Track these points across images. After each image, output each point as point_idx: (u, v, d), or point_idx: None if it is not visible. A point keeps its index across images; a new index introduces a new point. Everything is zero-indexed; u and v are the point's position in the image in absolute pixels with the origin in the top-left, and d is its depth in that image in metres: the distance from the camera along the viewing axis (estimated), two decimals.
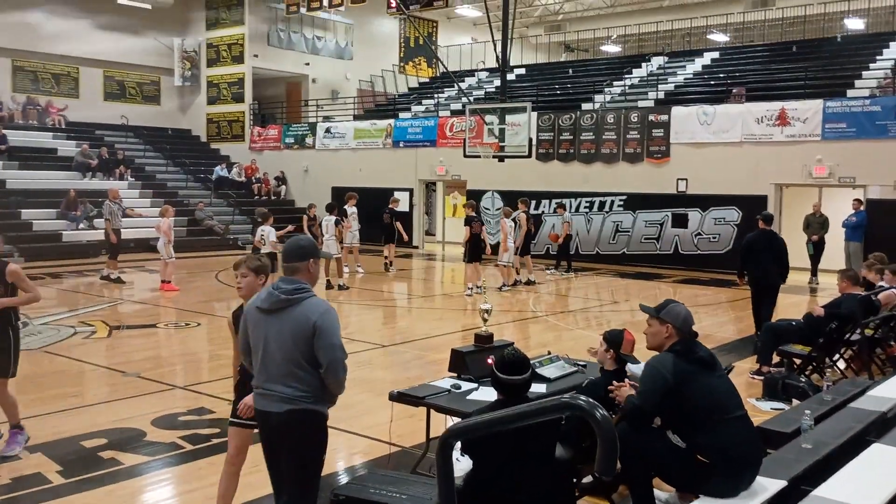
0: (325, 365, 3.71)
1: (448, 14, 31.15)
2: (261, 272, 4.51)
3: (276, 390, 3.76)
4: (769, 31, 28.26)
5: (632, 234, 19.73)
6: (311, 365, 3.73)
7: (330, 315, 3.75)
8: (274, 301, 3.77)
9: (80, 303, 13.44)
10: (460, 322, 12.16)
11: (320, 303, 3.79)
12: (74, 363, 9.01)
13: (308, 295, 3.79)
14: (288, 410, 3.73)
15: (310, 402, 3.76)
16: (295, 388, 3.73)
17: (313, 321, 3.69)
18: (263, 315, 3.81)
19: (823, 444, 4.54)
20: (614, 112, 20.40)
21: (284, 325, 3.73)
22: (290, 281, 3.81)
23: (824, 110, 17.13)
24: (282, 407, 3.74)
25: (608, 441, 2.19)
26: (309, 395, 3.75)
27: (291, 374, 3.73)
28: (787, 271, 10.23)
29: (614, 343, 4.91)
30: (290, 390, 3.73)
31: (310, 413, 3.77)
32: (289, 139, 27.24)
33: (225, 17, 28.60)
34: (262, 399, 3.84)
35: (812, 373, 8.11)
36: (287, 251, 3.90)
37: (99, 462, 5.79)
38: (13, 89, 25.55)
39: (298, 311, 3.73)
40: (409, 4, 22.64)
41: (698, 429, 4.06)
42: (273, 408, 3.77)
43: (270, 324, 3.77)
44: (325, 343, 3.69)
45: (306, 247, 3.90)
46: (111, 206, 15.61)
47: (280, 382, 3.75)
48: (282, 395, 3.74)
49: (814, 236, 17.03)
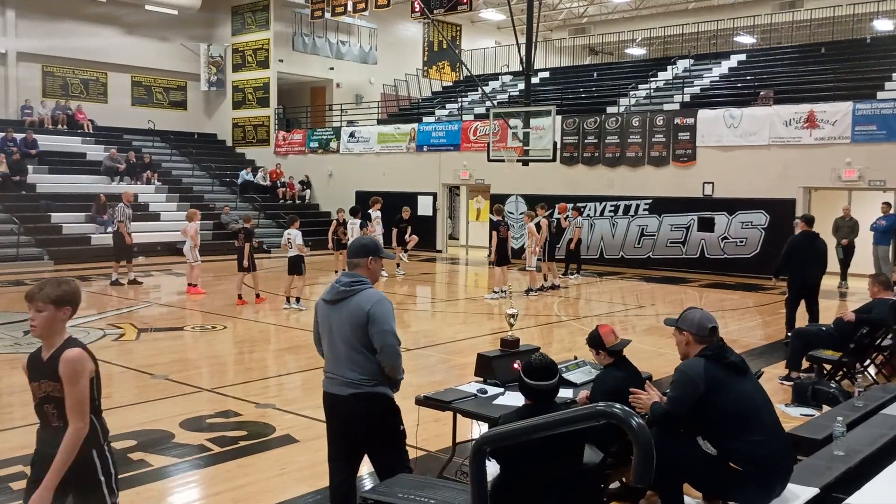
0: (379, 349, 4.04)
1: (472, 18, 31.16)
2: (64, 303, 3.38)
3: (342, 375, 4.12)
4: (797, 32, 27.95)
5: (657, 238, 19.60)
6: (368, 350, 4.07)
7: (383, 304, 4.09)
8: (335, 293, 4.16)
9: (109, 305, 13.60)
10: (485, 326, 12.14)
11: (375, 293, 4.15)
12: (104, 365, 8.98)
13: (365, 287, 4.15)
14: (352, 394, 4.08)
15: (371, 385, 4.09)
16: (357, 372, 4.08)
17: (367, 309, 4.04)
18: (328, 306, 4.20)
19: (856, 452, 4.47)
20: (639, 115, 20.29)
21: (344, 314, 4.10)
22: (350, 275, 4.21)
23: (854, 112, 16.91)
24: (345, 391, 4.10)
25: (644, 449, 2.16)
26: (370, 379, 4.09)
27: (353, 360, 4.08)
28: (823, 273, 10.24)
29: (596, 342, 4.84)
30: (353, 374, 4.08)
31: (372, 395, 4.10)
32: (313, 143, 27.38)
33: (250, 23, 28.84)
34: (330, 383, 4.21)
35: (842, 378, 8.00)
36: (351, 248, 4.36)
37: (128, 463, 5.83)
38: (43, 94, 25.95)
39: (355, 302, 4.09)
40: (433, 8, 22.68)
41: (730, 435, 4.01)
42: (339, 391, 4.13)
43: (333, 314, 4.16)
44: (378, 329, 4.02)
45: (368, 245, 4.29)
46: (125, 210, 15.83)
47: (345, 367, 4.11)
48: (346, 380, 4.10)
49: (843, 240, 16.81)
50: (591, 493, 4.13)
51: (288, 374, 9.21)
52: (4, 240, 18.90)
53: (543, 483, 3.75)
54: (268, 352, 10.59)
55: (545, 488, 3.75)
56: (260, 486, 5.42)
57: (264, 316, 12.82)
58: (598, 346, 4.78)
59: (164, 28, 28.10)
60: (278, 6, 28.08)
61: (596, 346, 4.79)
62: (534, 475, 3.75)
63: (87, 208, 21.01)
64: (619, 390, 4.55)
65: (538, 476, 3.75)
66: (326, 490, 5.33)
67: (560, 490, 3.77)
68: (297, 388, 8.51)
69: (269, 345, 11.03)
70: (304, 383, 8.59)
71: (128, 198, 16.36)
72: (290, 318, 12.43)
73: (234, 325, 11.88)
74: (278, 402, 7.59)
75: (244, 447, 6.23)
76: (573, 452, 3.89)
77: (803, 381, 7.77)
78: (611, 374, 4.74)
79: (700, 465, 4.10)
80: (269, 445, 6.29)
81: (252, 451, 6.16)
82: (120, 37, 27.27)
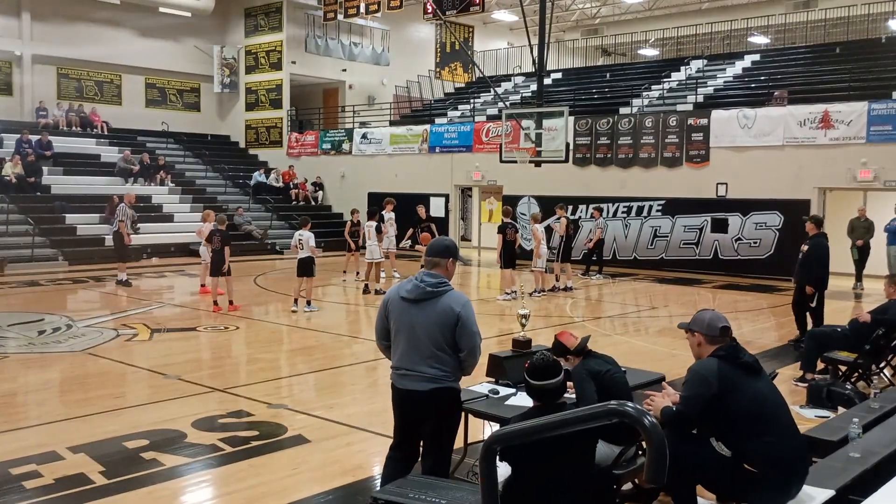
0: (467, 350, 4.25)
1: (484, 19, 31.16)
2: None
3: (422, 370, 4.26)
4: (811, 32, 27.76)
5: (670, 239, 19.51)
6: (451, 349, 4.25)
7: (470, 307, 4.30)
8: (420, 293, 4.26)
9: (122, 306, 13.66)
10: (496, 327, 12.11)
11: (461, 295, 4.33)
12: (117, 365, 9.14)
13: (449, 288, 4.31)
14: (432, 389, 4.25)
15: (450, 380, 4.30)
16: (438, 368, 4.25)
17: (457, 312, 4.21)
18: (408, 304, 4.30)
19: (872, 454, 4.43)
20: (652, 116, 20.21)
21: (430, 314, 4.23)
22: (433, 275, 4.31)
23: (869, 112, 16.78)
24: (426, 386, 4.25)
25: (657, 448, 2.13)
26: (450, 375, 4.29)
27: (435, 357, 4.24)
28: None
29: (561, 350, 4.87)
30: (434, 370, 4.24)
31: (450, 390, 4.32)
32: (326, 145, 27.44)
33: (263, 25, 28.94)
34: (405, 379, 4.33)
35: (858, 380, 7.93)
36: (433, 248, 4.43)
37: (140, 463, 5.86)
38: (58, 97, 26.14)
39: (443, 302, 4.24)
40: (446, 10, 22.68)
41: (745, 436, 3.97)
42: (418, 386, 4.27)
43: (416, 312, 4.27)
44: (468, 331, 4.23)
45: (450, 247, 4.45)
46: (126, 210, 15.93)
47: (425, 364, 4.25)
48: (426, 375, 4.25)
49: (858, 241, 16.70)
50: (604, 495, 4.11)
51: (300, 374, 9.22)
52: (19, 240, 19.03)
53: (555, 484, 3.73)
54: (280, 352, 10.60)
55: (556, 489, 3.73)
56: (272, 487, 5.42)
57: (276, 317, 12.84)
58: (565, 352, 4.86)
59: (177, 30, 28.25)
60: (291, 8, 28.17)
61: (562, 353, 4.86)
62: (545, 476, 3.73)
63: (101, 210, 21.13)
64: (598, 371, 4.68)
65: (549, 477, 3.73)
66: (338, 490, 5.36)
67: (572, 491, 3.75)
68: (310, 389, 8.52)
69: (281, 345, 11.05)
70: (316, 384, 8.60)
71: (129, 199, 16.50)
72: (302, 319, 12.44)
73: (246, 326, 11.91)
74: (290, 403, 7.59)
75: (256, 447, 6.23)
76: (584, 453, 3.87)
77: (818, 382, 7.70)
78: (584, 365, 4.78)
79: (714, 466, 4.06)
80: (281, 446, 6.29)
81: (264, 451, 6.16)
82: (134, 39, 27.43)
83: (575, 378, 4.73)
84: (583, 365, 4.78)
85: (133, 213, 16.63)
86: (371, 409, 7.25)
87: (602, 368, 4.73)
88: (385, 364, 4.23)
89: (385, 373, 4.04)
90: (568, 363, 4.86)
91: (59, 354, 9.71)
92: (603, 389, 4.55)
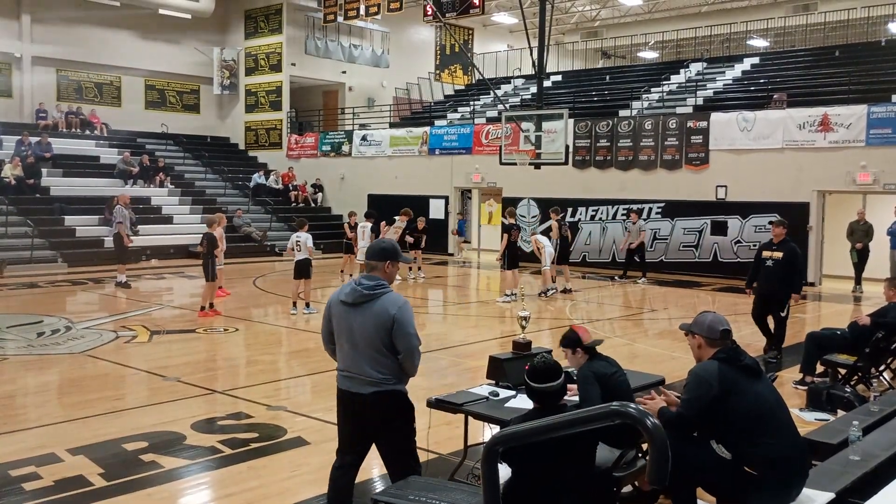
0: (404, 351, 4.20)
1: (484, 21, 31.19)
2: None
3: (364, 374, 4.24)
4: (811, 35, 27.80)
5: (670, 241, 19.51)
6: (390, 351, 4.21)
7: (406, 308, 4.25)
8: (357, 296, 4.24)
9: (122, 307, 13.66)
10: (497, 329, 12.11)
11: (398, 297, 4.29)
12: (116, 367, 9.14)
13: (387, 290, 4.28)
14: (373, 392, 4.22)
15: (392, 383, 4.25)
16: (378, 371, 4.21)
17: (392, 314, 4.17)
18: (347, 308, 4.28)
19: (872, 456, 4.42)
20: (652, 118, 20.22)
21: (367, 317, 4.21)
22: (370, 278, 4.30)
23: (868, 115, 16.79)
24: (368, 389, 4.23)
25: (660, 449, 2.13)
26: (391, 378, 4.24)
27: (374, 360, 4.21)
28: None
29: (573, 342, 4.85)
30: (375, 374, 4.22)
31: (393, 393, 4.26)
32: (325, 147, 27.44)
33: (263, 27, 28.95)
34: (349, 381, 4.31)
35: (857, 383, 7.93)
36: (370, 251, 4.42)
37: (140, 465, 5.85)
38: (58, 98, 26.14)
39: (379, 305, 4.21)
40: (446, 12, 22.69)
41: (745, 439, 3.97)
42: (361, 389, 4.25)
43: (354, 316, 4.25)
44: (403, 332, 4.18)
45: (388, 249, 4.39)
46: (124, 211, 15.93)
47: (366, 366, 4.22)
48: (368, 379, 4.23)
49: (858, 244, 16.71)
50: (604, 497, 4.11)
51: (299, 376, 9.22)
52: (18, 242, 19.01)
53: (556, 486, 3.72)
54: (279, 354, 10.60)
55: (558, 491, 3.72)
56: (271, 489, 5.42)
57: (275, 319, 12.83)
58: (576, 345, 4.83)
59: (177, 32, 28.25)
60: (291, 10, 28.18)
61: (573, 345, 4.84)
62: (546, 478, 3.73)
63: (100, 211, 21.12)
64: (604, 373, 4.65)
65: (550, 479, 3.72)
66: None
67: (573, 493, 3.74)
68: (309, 391, 8.51)
69: (280, 347, 11.04)
70: (315, 386, 8.59)
71: (124, 199, 16.49)
72: (301, 321, 12.43)
73: (245, 328, 11.90)
74: (289, 405, 7.59)
75: (256, 449, 6.23)
76: (585, 454, 3.87)
77: (818, 385, 7.71)
78: (590, 367, 4.75)
79: (714, 468, 4.06)
80: (281, 447, 6.29)
81: (264, 453, 6.16)
82: (134, 41, 27.43)
83: (580, 379, 4.72)
84: (588, 366, 4.76)
85: (131, 215, 16.61)
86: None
87: (608, 371, 4.71)
88: None
89: None
90: (574, 357, 4.85)
91: (59, 356, 9.70)
92: (608, 392, 4.54)
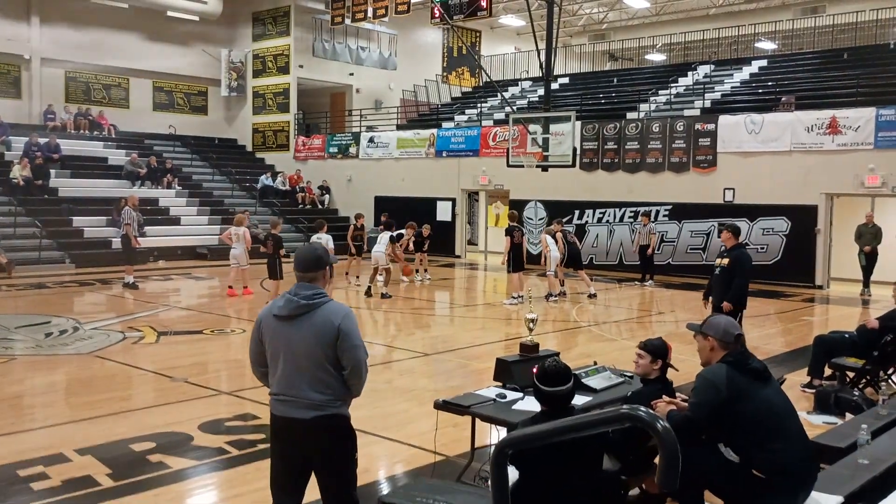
0: (350, 367, 3.75)
1: (491, 24, 31.18)
2: None
3: (303, 396, 3.75)
4: (819, 38, 27.71)
5: (677, 244, 19.47)
6: (335, 368, 3.76)
7: (351, 317, 3.80)
8: (294, 307, 3.76)
9: (129, 308, 13.69)
10: (503, 331, 12.10)
11: (340, 306, 3.83)
12: (124, 367, 9.16)
13: (327, 300, 3.81)
14: (315, 417, 3.74)
15: (336, 406, 3.79)
16: (322, 393, 3.75)
17: (337, 324, 3.72)
18: (282, 322, 3.80)
19: (881, 461, 4.41)
20: (660, 121, 20.19)
21: (307, 330, 3.74)
22: (307, 287, 3.81)
23: (877, 118, 16.73)
24: (308, 413, 3.74)
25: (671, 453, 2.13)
26: (335, 400, 3.78)
27: (318, 380, 3.75)
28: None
29: (660, 352, 4.81)
30: (318, 396, 3.74)
31: (337, 417, 3.80)
32: (333, 149, 27.48)
33: (271, 29, 29.01)
34: (285, 406, 3.80)
35: (866, 386, 7.90)
36: (305, 262, 3.87)
37: (147, 465, 5.86)
38: (66, 100, 26.26)
39: (321, 316, 3.74)
40: (453, 14, 22.71)
41: (753, 443, 3.96)
42: (299, 414, 3.76)
43: (291, 330, 3.77)
44: (350, 344, 3.73)
45: (322, 256, 3.92)
46: (130, 213, 15.98)
47: (307, 388, 3.75)
48: (308, 402, 3.75)
49: (866, 247, 16.65)
50: (612, 500, 4.09)
51: None
52: (27, 243, 19.10)
53: (565, 489, 3.72)
54: None
55: (566, 494, 3.71)
56: None
57: None
58: (662, 356, 4.80)
59: (185, 34, 28.36)
60: (299, 12, 28.24)
61: (660, 355, 4.80)
62: (555, 481, 3.72)
63: (108, 212, 21.20)
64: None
65: (559, 482, 3.71)
66: None
67: (581, 496, 3.73)
68: None
69: None
70: None
71: (132, 201, 16.54)
72: None
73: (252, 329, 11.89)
74: None
75: (263, 450, 6.21)
76: (594, 458, 3.85)
77: (826, 388, 7.68)
78: (651, 390, 4.71)
79: (722, 472, 4.05)
80: None
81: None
82: (142, 43, 27.55)
83: (635, 394, 4.72)
84: (652, 389, 4.70)
85: (139, 216, 16.66)
86: (376, 413, 7.24)
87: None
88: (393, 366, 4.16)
89: (392, 375, 3.98)
90: (651, 366, 4.82)
91: (66, 357, 9.74)
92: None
